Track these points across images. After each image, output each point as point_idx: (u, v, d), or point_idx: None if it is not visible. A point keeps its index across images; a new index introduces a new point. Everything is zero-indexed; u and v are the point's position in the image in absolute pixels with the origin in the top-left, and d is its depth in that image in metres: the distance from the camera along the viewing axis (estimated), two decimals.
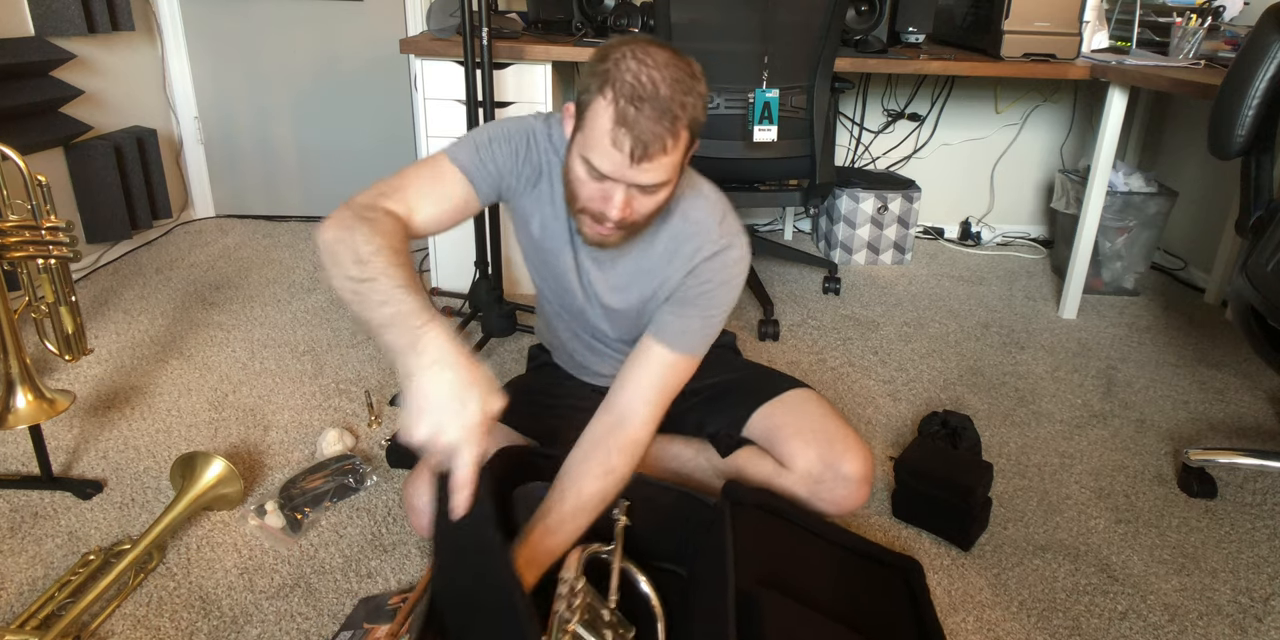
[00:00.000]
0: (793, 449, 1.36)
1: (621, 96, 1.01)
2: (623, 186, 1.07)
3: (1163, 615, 1.37)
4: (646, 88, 1.01)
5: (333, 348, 2.20)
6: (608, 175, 1.06)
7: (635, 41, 1.06)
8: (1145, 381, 2.18)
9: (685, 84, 1.03)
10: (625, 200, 1.08)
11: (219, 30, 3.01)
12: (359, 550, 1.44)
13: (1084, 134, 3.23)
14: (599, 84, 1.04)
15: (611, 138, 1.02)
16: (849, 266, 2.98)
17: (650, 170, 1.04)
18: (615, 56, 1.04)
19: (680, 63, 1.05)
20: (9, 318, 1.45)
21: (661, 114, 1.01)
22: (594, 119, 1.04)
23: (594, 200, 1.10)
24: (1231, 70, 1.53)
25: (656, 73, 1.02)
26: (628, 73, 1.02)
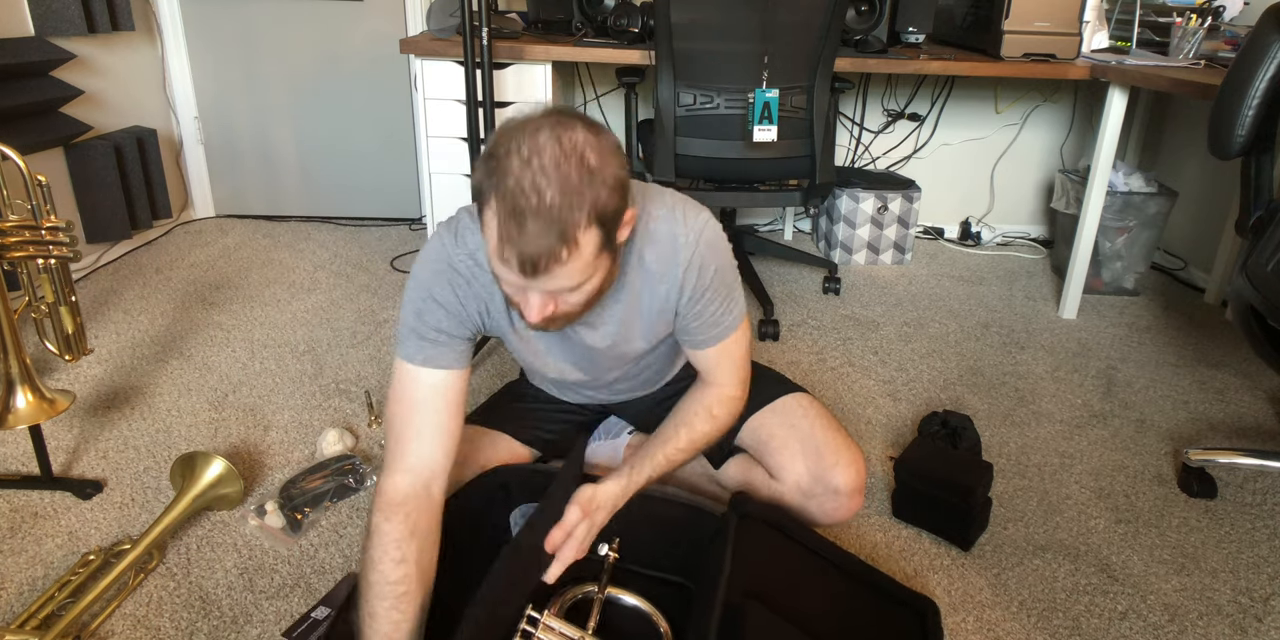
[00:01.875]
0: (781, 461, 1.35)
1: (503, 209, 0.91)
2: (536, 292, 0.99)
3: (1163, 615, 1.37)
4: (529, 199, 0.90)
5: (333, 348, 2.20)
6: (512, 284, 1.00)
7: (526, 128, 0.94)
8: (1145, 381, 2.18)
9: (580, 182, 0.92)
10: (542, 303, 1.01)
11: (219, 30, 3.01)
12: (359, 550, 1.44)
13: (1084, 134, 3.23)
14: (486, 187, 0.94)
15: (499, 255, 0.94)
16: (849, 266, 2.98)
17: (552, 280, 0.96)
18: (500, 152, 0.93)
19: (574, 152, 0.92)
20: (9, 318, 1.45)
21: (547, 228, 0.91)
22: (486, 228, 0.95)
23: (516, 297, 1.04)
24: (1231, 70, 1.53)
25: (542, 178, 0.90)
26: (509, 177, 0.91)
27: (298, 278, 2.67)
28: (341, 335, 2.27)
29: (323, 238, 3.07)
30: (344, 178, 3.23)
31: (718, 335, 1.26)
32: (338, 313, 2.42)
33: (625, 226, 1.01)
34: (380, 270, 2.76)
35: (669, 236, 1.15)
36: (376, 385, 2.01)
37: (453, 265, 1.15)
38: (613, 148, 0.97)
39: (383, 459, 1.69)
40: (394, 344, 1.18)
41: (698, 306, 1.22)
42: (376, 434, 1.81)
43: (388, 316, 2.40)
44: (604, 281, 1.04)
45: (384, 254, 2.91)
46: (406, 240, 3.06)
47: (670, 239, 1.15)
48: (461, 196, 2.42)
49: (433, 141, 2.39)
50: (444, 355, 1.15)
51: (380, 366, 2.10)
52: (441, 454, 1.14)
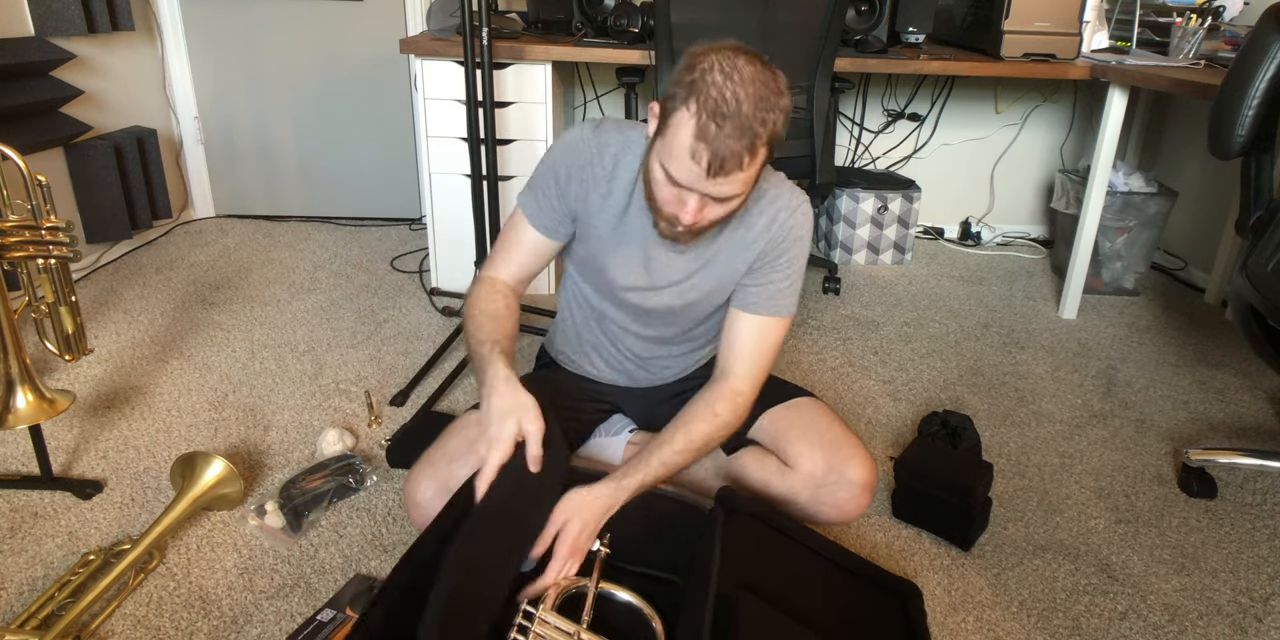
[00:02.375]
0: (799, 449, 1.38)
1: (705, 111, 1.03)
2: (697, 195, 1.10)
3: (1163, 615, 1.37)
4: (730, 104, 1.02)
5: (333, 348, 2.20)
6: (683, 185, 1.09)
7: (723, 51, 1.07)
8: (1145, 381, 2.18)
9: (769, 101, 1.04)
10: (698, 207, 1.11)
11: (219, 30, 3.01)
12: (359, 550, 1.44)
13: (1084, 134, 3.23)
14: (684, 94, 1.05)
15: (691, 151, 1.04)
16: (849, 266, 2.98)
17: (726, 184, 1.07)
18: (703, 66, 1.05)
19: (766, 77, 1.05)
20: (9, 318, 1.45)
21: (742, 132, 1.03)
22: (676, 129, 1.06)
23: (669, 204, 1.14)
24: (1231, 70, 1.53)
25: (741, 90, 1.03)
26: (713, 87, 1.03)
27: (298, 278, 2.67)
28: (341, 335, 2.27)
29: (323, 238, 3.06)
30: (344, 178, 3.23)
31: (769, 307, 1.33)
32: (338, 313, 2.42)
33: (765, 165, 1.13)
34: (380, 270, 2.76)
35: (769, 198, 1.29)
36: (376, 385, 2.01)
37: (585, 145, 1.28)
38: (786, 83, 1.09)
39: (385, 456, 1.70)
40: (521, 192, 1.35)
41: (768, 272, 1.31)
42: (376, 434, 1.81)
43: (388, 316, 2.40)
44: (742, 203, 1.16)
45: (384, 254, 2.91)
46: (406, 240, 3.06)
47: (771, 199, 1.29)
48: (462, 196, 2.42)
49: (433, 141, 2.39)
50: (544, 217, 1.32)
51: (380, 366, 2.10)
52: (519, 279, 1.37)
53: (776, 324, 1.34)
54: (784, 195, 1.30)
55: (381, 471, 1.66)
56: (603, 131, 1.29)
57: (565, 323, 1.55)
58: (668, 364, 1.52)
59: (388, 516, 1.53)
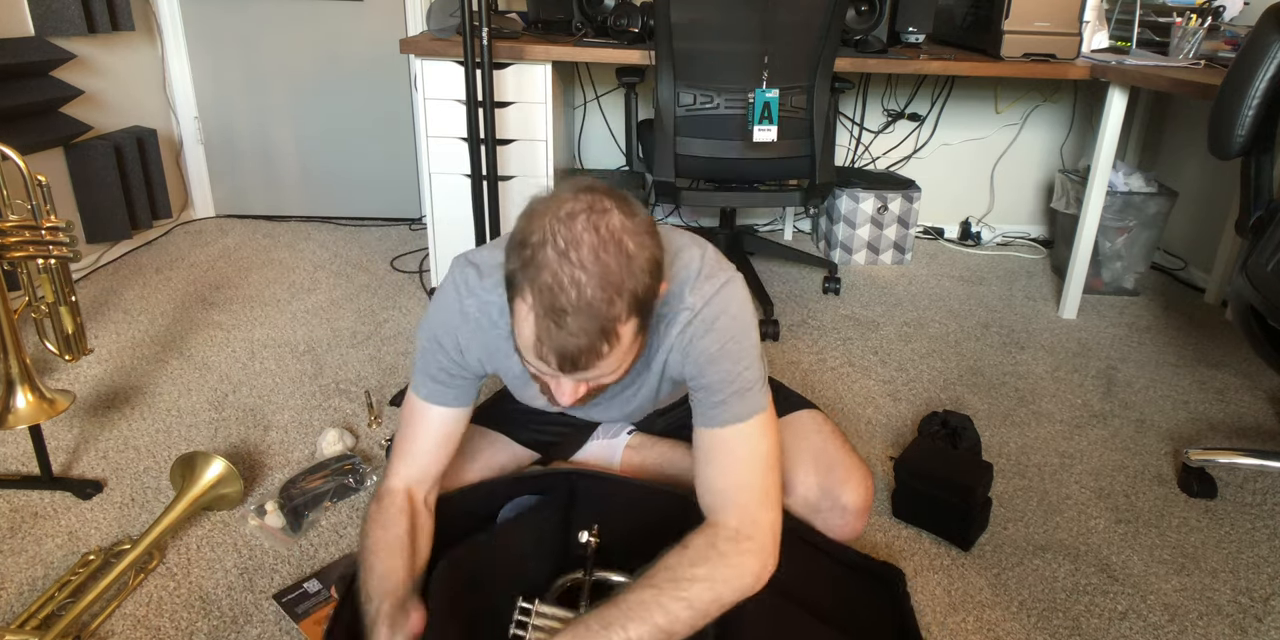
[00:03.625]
0: (792, 474, 1.34)
1: (541, 306, 0.88)
2: (568, 380, 0.97)
3: (1163, 615, 1.37)
4: (569, 294, 0.87)
5: (333, 348, 2.20)
6: (546, 374, 0.97)
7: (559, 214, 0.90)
8: (1145, 381, 2.18)
9: (620, 273, 0.88)
10: (574, 389, 0.98)
11: (219, 30, 3.01)
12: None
13: (1084, 134, 3.23)
14: (520, 278, 0.90)
15: (536, 351, 0.92)
16: (849, 266, 2.98)
17: (592, 372, 0.93)
18: (534, 241, 0.89)
19: (612, 239, 0.89)
20: (9, 318, 1.45)
21: (588, 324, 0.88)
22: (519, 320, 0.92)
23: (546, 382, 1.00)
24: (1231, 70, 1.53)
25: (581, 273, 0.87)
26: (547, 271, 0.88)
27: (298, 278, 2.67)
28: (341, 335, 2.27)
29: (323, 238, 3.06)
30: (344, 178, 3.23)
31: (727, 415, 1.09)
32: (338, 313, 2.42)
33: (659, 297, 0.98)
34: (380, 270, 2.76)
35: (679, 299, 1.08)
36: (376, 385, 2.01)
37: (463, 311, 1.14)
38: (648, 227, 0.94)
39: (385, 456, 1.70)
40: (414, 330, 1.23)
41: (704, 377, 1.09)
42: (376, 434, 1.81)
43: (388, 316, 2.40)
44: (636, 358, 1.00)
45: (384, 254, 2.91)
46: (406, 240, 3.06)
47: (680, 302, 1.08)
48: (462, 196, 2.42)
49: (433, 141, 2.39)
50: (445, 394, 1.20)
51: (380, 366, 2.10)
52: (432, 475, 1.23)
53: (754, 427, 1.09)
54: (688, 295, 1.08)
55: (381, 471, 1.66)
56: (475, 294, 1.13)
57: None
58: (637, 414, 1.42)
59: None
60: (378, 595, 1.06)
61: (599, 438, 1.54)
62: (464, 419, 1.24)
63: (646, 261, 0.92)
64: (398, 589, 1.06)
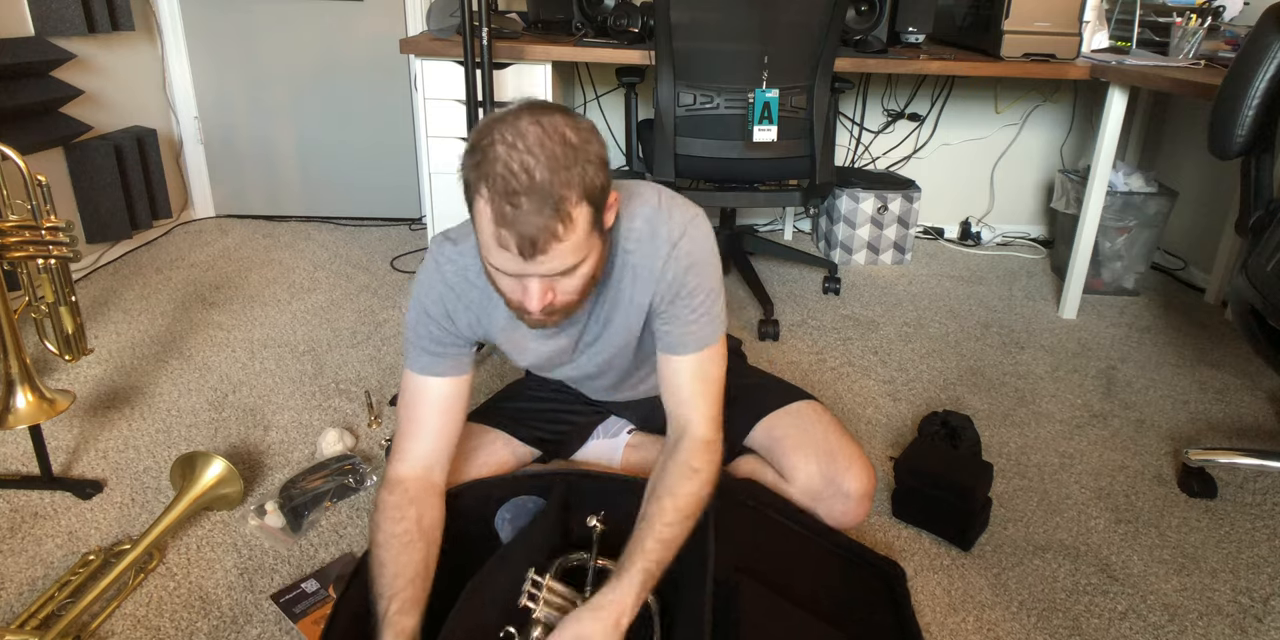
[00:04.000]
0: (794, 462, 1.35)
1: (495, 194, 0.94)
2: (534, 279, 1.00)
3: (1163, 615, 1.37)
4: (520, 178, 0.92)
5: (333, 348, 2.20)
6: (510, 273, 1.00)
7: (505, 118, 0.97)
8: (1145, 381, 2.18)
9: (566, 158, 0.94)
10: (542, 291, 1.02)
11: (219, 30, 3.01)
12: (359, 550, 1.44)
13: (1084, 134, 3.23)
14: (475, 178, 0.96)
15: (496, 238, 0.96)
16: (849, 266, 2.98)
17: (552, 259, 0.97)
18: (484, 143, 0.96)
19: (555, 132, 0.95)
20: (9, 318, 1.45)
21: (542, 204, 0.93)
22: (479, 219, 0.98)
23: (514, 293, 1.05)
24: (1231, 70, 1.53)
25: (529, 157, 0.93)
26: (497, 163, 0.93)
27: (298, 278, 2.67)
28: (341, 335, 2.27)
29: (323, 238, 3.07)
30: (344, 178, 3.23)
31: (694, 341, 1.20)
32: (338, 313, 2.42)
33: (610, 209, 1.04)
34: (380, 270, 2.76)
35: (651, 233, 1.16)
36: (376, 385, 2.01)
37: (445, 280, 1.20)
38: (590, 128, 1.00)
39: (385, 456, 1.70)
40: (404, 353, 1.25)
41: (676, 306, 1.18)
42: (376, 434, 1.81)
43: (388, 316, 2.40)
44: (595, 266, 1.06)
45: (384, 254, 2.91)
46: (406, 240, 3.06)
47: (652, 235, 1.16)
48: (462, 196, 2.42)
49: (433, 141, 2.39)
50: (440, 364, 1.22)
51: (380, 366, 2.10)
52: (440, 450, 1.22)
53: (711, 355, 1.22)
54: (661, 226, 1.16)
55: (381, 471, 1.66)
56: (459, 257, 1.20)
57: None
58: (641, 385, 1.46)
59: None
60: (387, 594, 1.05)
61: (600, 436, 1.54)
62: (464, 391, 1.24)
63: (593, 154, 0.97)
64: (408, 587, 1.06)
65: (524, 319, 1.09)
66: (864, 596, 1.29)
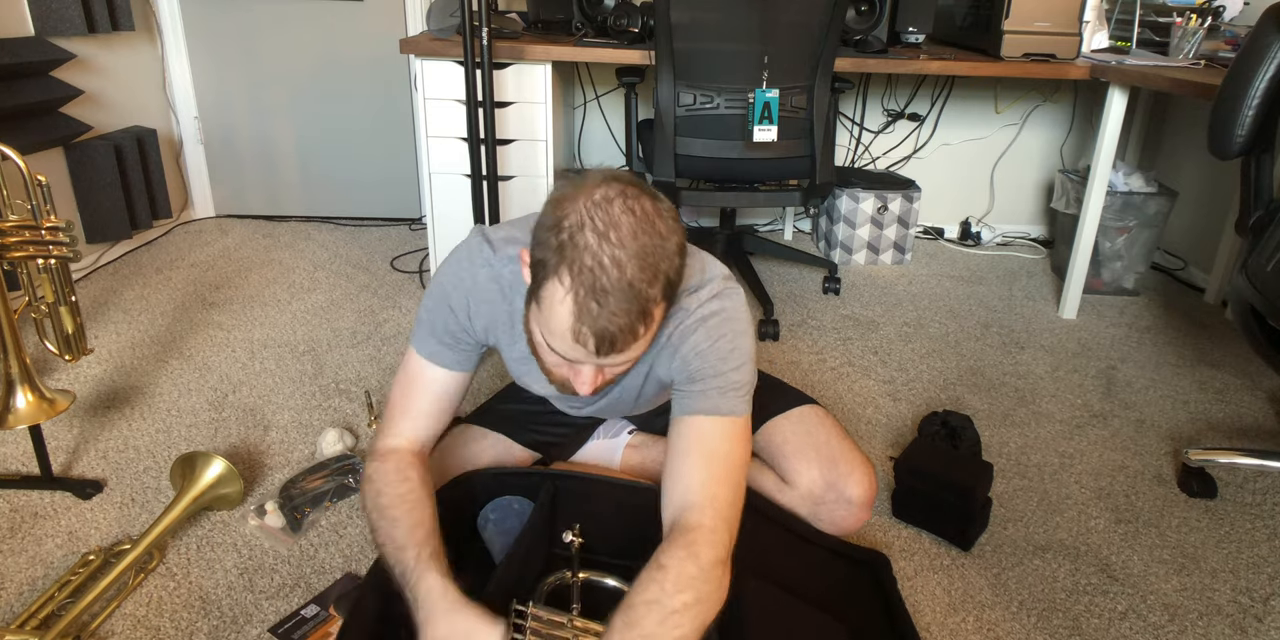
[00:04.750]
0: (796, 466, 1.35)
1: (581, 287, 0.88)
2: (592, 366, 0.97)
3: (1163, 615, 1.37)
4: (610, 275, 0.87)
5: (333, 348, 2.20)
6: (573, 360, 0.96)
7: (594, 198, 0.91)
8: (1145, 381, 2.18)
9: (655, 254, 0.90)
10: (595, 375, 0.99)
11: (219, 30, 3.01)
12: (359, 550, 1.44)
13: (1084, 134, 3.23)
14: (555, 260, 0.90)
15: (574, 333, 0.91)
16: (849, 266, 2.98)
17: (622, 355, 0.94)
18: (572, 225, 0.90)
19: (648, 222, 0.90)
20: (9, 318, 1.45)
21: (630, 304, 0.89)
22: (552, 304, 0.91)
23: (560, 369, 1.01)
24: (1231, 70, 1.53)
25: (621, 252, 0.88)
26: (587, 253, 0.88)
27: (298, 278, 2.67)
28: (341, 335, 2.27)
29: (323, 238, 3.06)
30: (344, 178, 3.23)
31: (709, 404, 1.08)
32: (338, 313, 2.42)
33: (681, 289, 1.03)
34: (380, 270, 2.76)
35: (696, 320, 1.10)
36: (376, 385, 2.01)
37: (476, 281, 1.16)
38: (674, 213, 0.95)
39: None
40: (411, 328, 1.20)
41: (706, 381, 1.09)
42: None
43: (388, 316, 2.40)
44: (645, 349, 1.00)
45: (384, 254, 2.91)
46: (406, 240, 3.06)
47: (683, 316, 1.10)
48: (462, 196, 2.42)
49: (433, 141, 2.39)
50: (447, 356, 1.20)
51: (380, 366, 2.10)
52: (429, 431, 1.22)
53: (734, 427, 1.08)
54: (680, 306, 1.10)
55: None
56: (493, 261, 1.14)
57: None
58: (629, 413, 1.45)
59: None
60: (414, 544, 1.03)
61: (599, 438, 1.54)
62: (464, 384, 1.23)
63: (677, 245, 0.94)
64: (430, 538, 1.06)
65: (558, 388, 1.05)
66: (852, 587, 1.31)
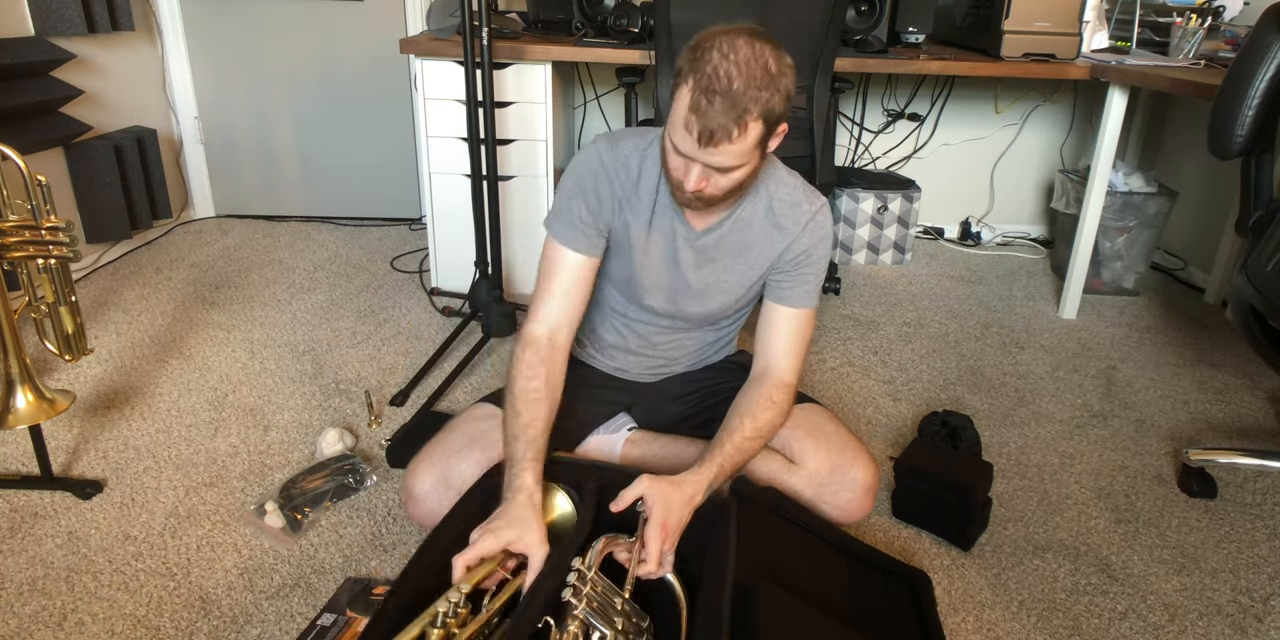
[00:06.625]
0: (805, 448, 1.40)
1: (699, 87, 1.12)
2: (698, 165, 1.18)
3: (1163, 615, 1.37)
4: (721, 82, 1.11)
5: (333, 348, 2.20)
6: (684, 154, 1.18)
7: (727, 33, 1.16)
8: (1145, 381, 2.18)
9: (761, 80, 1.12)
10: (700, 176, 1.20)
11: (219, 30, 3.01)
12: (359, 550, 1.44)
13: (1084, 134, 3.23)
14: (687, 71, 1.15)
15: (685, 122, 1.14)
16: (849, 266, 2.98)
17: (719, 154, 1.15)
18: (704, 47, 1.15)
19: (762, 57, 1.14)
20: (9, 318, 1.45)
21: (731, 107, 1.11)
22: (677, 103, 1.16)
23: (677, 170, 1.23)
24: (1231, 70, 1.53)
25: (734, 68, 1.12)
26: (708, 65, 1.12)
27: (298, 278, 2.67)
28: (341, 335, 2.27)
29: (323, 238, 3.07)
30: (344, 178, 3.23)
31: (803, 300, 1.39)
32: (338, 313, 2.42)
33: (777, 136, 1.21)
34: (380, 270, 2.76)
35: (793, 200, 1.36)
36: (376, 385, 2.01)
37: (603, 162, 1.36)
38: (790, 65, 1.18)
39: (385, 456, 1.70)
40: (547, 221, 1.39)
41: (801, 268, 1.38)
42: (376, 434, 1.81)
43: (388, 316, 2.40)
44: (747, 175, 1.22)
45: (384, 254, 2.91)
46: (406, 240, 3.06)
47: (795, 202, 1.36)
48: (462, 196, 2.42)
49: (433, 141, 2.39)
50: (580, 240, 1.36)
51: (380, 366, 2.10)
52: (568, 315, 1.37)
53: (810, 315, 1.42)
54: (809, 198, 1.38)
55: (381, 471, 1.66)
56: (618, 145, 1.36)
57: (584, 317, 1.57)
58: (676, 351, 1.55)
59: (388, 516, 1.53)
60: (525, 440, 1.24)
61: (600, 432, 1.55)
62: (594, 268, 1.39)
63: (783, 85, 1.15)
64: (538, 438, 1.25)
65: (675, 194, 1.26)
66: (887, 604, 1.28)
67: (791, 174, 1.41)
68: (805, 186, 1.40)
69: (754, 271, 1.41)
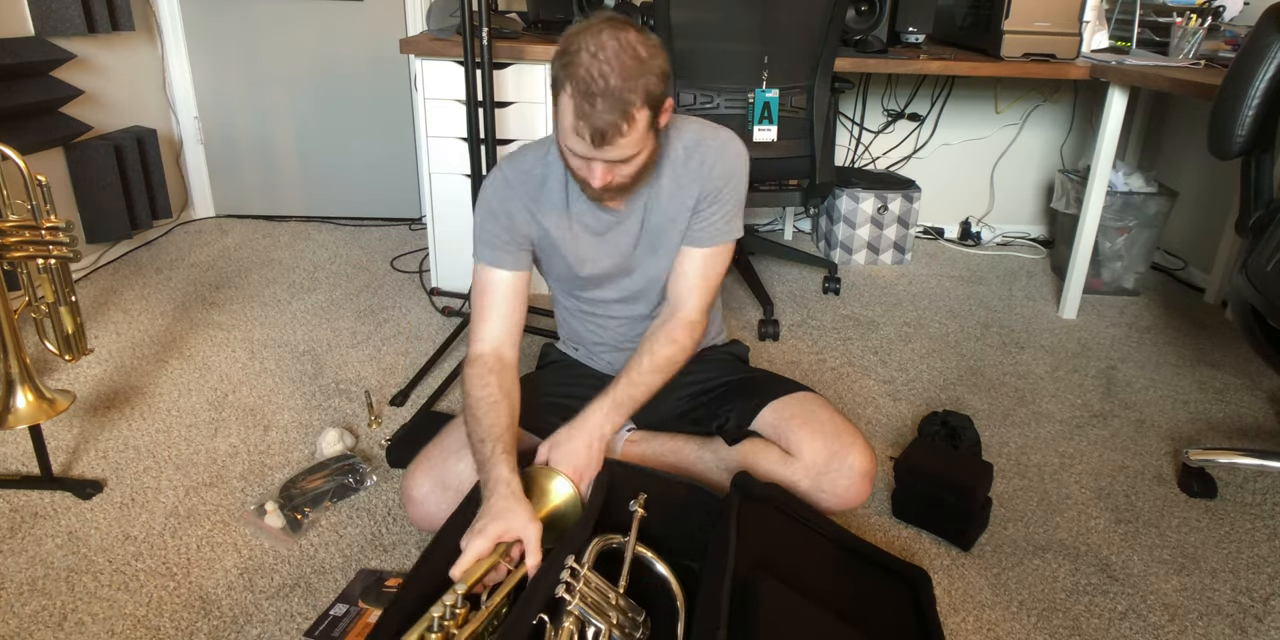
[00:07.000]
0: (801, 437, 1.40)
1: (578, 92, 1.16)
2: (599, 162, 1.23)
3: (1163, 615, 1.37)
4: (598, 83, 1.15)
5: (333, 348, 2.20)
6: (581, 155, 1.23)
7: (590, 30, 1.18)
8: (1145, 381, 2.18)
9: (635, 70, 1.16)
10: (604, 171, 1.24)
11: (219, 30, 3.01)
12: (359, 550, 1.44)
13: (1084, 134, 3.23)
14: (563, 77, 1.18)
15: (574, 128, 1.18)
16: (849, 266, 2.98)
17: (615, 149, 1.20)
18: (572, 50, 1.18)
19: (629, 47, 1.17)
20: (9, 318, 1.45)
21: (613, 105, 1.15)
22: (562, 110, 1.20)
23: (581, 170, 1.28)
24: (1231, 70, 1.53)
25: (606, 66, 1.15)
26: (580, 68, 1.16)
27: (298, 278, 2.67)
28: (341, 335, 2.27)
29: (323, 238, 3.07)
30: (344, 178, 3.23)
31: (711, 237, 1.43)
32: (338, 313, 2.42)
33: (665, 112, 1.26)
34: (380, 270, 2.76)
35: (698, 141, 1.40)
36: (376, 385, 2.01)
37: (508, 181, 1.41)
38: (657, 45, 1.21)
39: (385, 456, 1.70)
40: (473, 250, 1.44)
41: (709, 208, 1.41)
42: (376, 434, 1.81)
43: (388, 316, 2.40)
44: (648, 157, 1.28)
45: (384, 254, 2.91)
46: (406, 240, 3.06)
47: (699, 143, 1.40)
48: (462, 196, 2.42)
49: (433, 141, 2.39)
50: (504, 258, 1.41)
51: (380, 366, 2.10)
52: (507, 331, 1.42)
53: (720, 251, 1.45)
54: (708, 138, 1.41)
55: (381, 471, 1.66)
56: (519, 161, 1.42)
57: (563, 323, 1.64)
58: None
59: (388, 516, 1.53)
60: (491, 438, 1.27)
61: None
62: (525, 284, 1.44)
63: (656, 67, 1.19)
64: (504, 434, 1.29)
65: (586, 192, 1.31)
66: (887, 601, 1.29)
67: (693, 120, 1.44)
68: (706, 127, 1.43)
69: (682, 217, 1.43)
